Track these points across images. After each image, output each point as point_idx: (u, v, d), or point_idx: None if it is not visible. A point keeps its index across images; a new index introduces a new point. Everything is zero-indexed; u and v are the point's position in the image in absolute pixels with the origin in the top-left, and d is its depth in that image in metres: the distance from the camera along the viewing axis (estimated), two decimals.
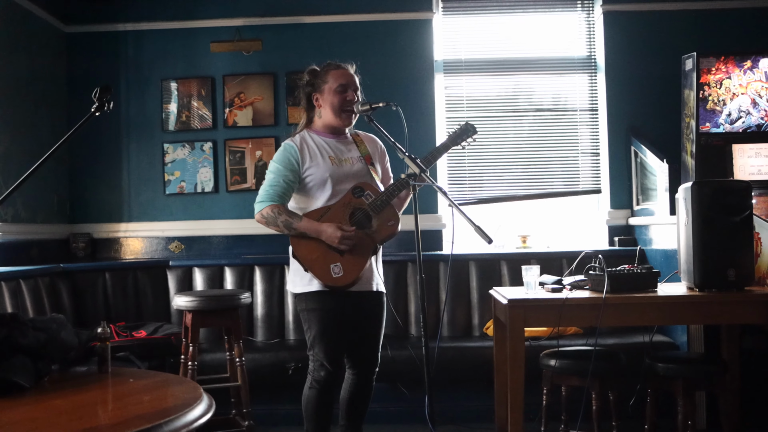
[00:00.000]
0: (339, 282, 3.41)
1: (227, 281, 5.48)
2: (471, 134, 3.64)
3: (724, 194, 3.77)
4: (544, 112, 6.04)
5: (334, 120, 3.54)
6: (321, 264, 3.41)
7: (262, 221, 3.47)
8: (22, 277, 4.61)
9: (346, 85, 3.52)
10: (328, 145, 3.56)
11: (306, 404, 3.51)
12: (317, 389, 3.47)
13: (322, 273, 3.41)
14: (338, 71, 3.56)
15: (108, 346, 2.64)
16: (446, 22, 6.05)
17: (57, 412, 2.14)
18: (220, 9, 5.93)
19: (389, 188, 3.48)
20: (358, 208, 3.47)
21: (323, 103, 3.55)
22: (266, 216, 3.44)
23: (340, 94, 3.51)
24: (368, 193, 3.50)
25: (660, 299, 3.76)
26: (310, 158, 3.50)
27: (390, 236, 3.51)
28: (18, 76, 5.24)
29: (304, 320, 3.53)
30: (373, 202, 3.47)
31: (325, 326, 3.45)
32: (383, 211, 3.47)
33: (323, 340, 3.45)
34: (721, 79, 5.10)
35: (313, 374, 3.49)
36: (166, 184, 5.90)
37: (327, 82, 3.54)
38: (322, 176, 3.48)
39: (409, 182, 3.41)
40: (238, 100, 5.89)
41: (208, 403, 2.18)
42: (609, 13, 5.86)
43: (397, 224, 3.50)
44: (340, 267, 3.40)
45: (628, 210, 5.78)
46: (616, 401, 4.11)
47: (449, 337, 5.28)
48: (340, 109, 3.52)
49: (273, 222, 3.43)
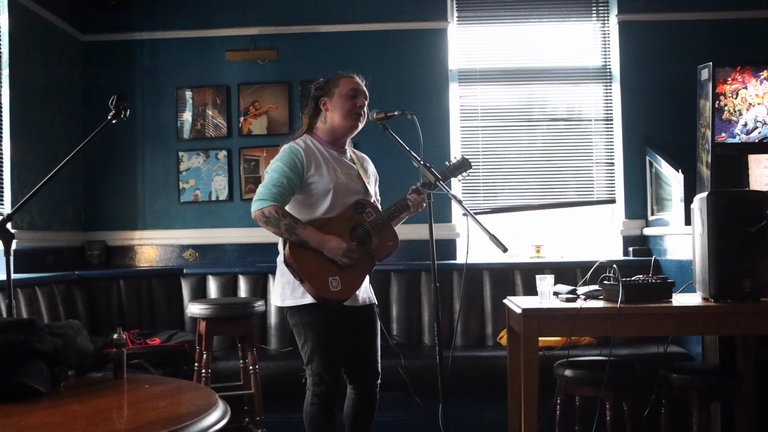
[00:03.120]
0: (336, 296, 3.36)
1: (241, 289, 5.48)
2: (466, 168, 3.57)
3: (739, 204, 3.75)
4: (558, 122, 6.04)
5: (342, 122, 3.51)
6: (319, 276, 3.34)
7: (261, 219, 3.37)
8: (38, 284, 4.64)
9: (357, 91, 3.52)
10: (330, 156, 3.53)
11: (309, 421, 3.47)
12: (318, 405, 3.43)
13: (320, 285, 3.33)
14: (350, 79, 3.56)
15: (124, 353, 2.65)
16: (461, 31, 6.06)
17: (73, 417, 2.14)
18: (236, 18, 5.96)
19: (391, 208, 3.48)
20: (359, 225, 3.46)
21: (331, 107, 3.52)
22: (267, 216, 3.35)
23: (350, 99, 3.49)
24: (369, 210, 3.50)
25: (675, 310, 3.74)
26: (315, 166, 3.46)
27: (388, 255, 3.52)
28: (35, 85, 5.28)
29: (299, 334, 3.47)
30: (374, 220, 3.46)
31: (322, 338, 3.41)
32: (384, 230, 3.47)
33: (321, 352, 3.41)
34: (737, 89, 5.08)
35: (313, 389, 3.44)
36: (181, 192, 5.93)
37: (338, 87, 3.53)
38: (325, 186, 3.43)
39: (409, 205, 3.45)
40: (253, 109, 5.92)
41: (224, 410, 2.17)
42: (624, 22, 5.86)
43: (396, 244, 3.50)
44: (338, 281, 3.36)
45: (643, 220, 5.76)
46: (630, 412, 4.09)
47: (463, 347, 5.26)
48: (350, 113, 3.49)
49: (274, 223, 3.34)
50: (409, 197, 3.46)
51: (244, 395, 4.53)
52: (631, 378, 4.07)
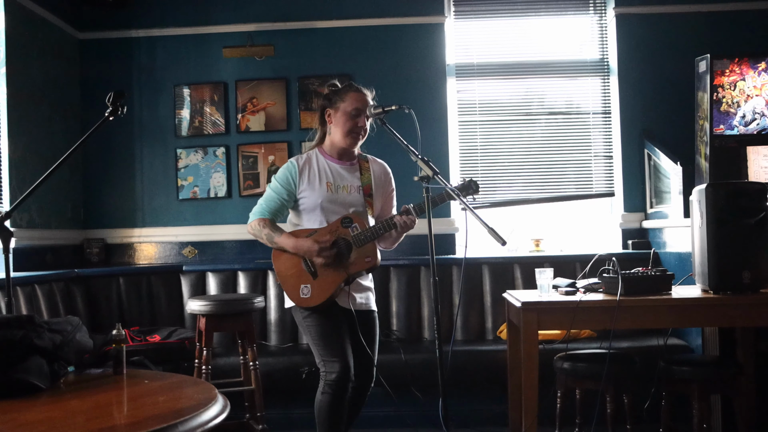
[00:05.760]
0: (305, 303, 3.54)
1: (240, 285, 5.49)
2: (473, 192, 3.58)
3: (738, 196, 3.75)
4: (556, 116, 6.04)
5: (341, 140, 3.61)
6: (293, 282, 3.56)
7: (251, 232, 3.65)
8: (37, 282, 4.64)
9: (360, 110, 3.56)
10: (330, 170, 3.64)
11: (318, 410, 3.48)
12: (330, 393, 3.44)
13: (291, 291, 3.57)
14: (357, 94, 3.60)
15: (123, 348, 2.66)
16: (458, 26, 6.05)
17: (73, 413, 2.15)
18: (233, 15, 5.95)
19: (376, 226, 3.52)
20: (342, 238, 3.53)
21: (334, 121, 3.61)
22: (254, 228, 3.63)
23: (352, 118, 3.56)
24: (356, 225, 3.55)
25: (674, 302, 3.75)
26: (308, 182, 3.60)
27: (362, 271, 3.58)
28: (32, 83, 5.27)
29: (304, 329, 3.61)
30: (357, 236, 3.53)
31: (324, 327, 3.51)
32: (365, 246, 3.53)
33: (326, 338, 3.49)
34: (735, 81, 5.08)
35: (326, 377, 3.47)
36: (179, 190, 5.92)
37: (344, 102, 3.58)
38: (314, 202, 3.58)
39: (396, 224, 3.48)
40: (251, 105, 5.91)
41: (223, 404, 2.18)
42: (621, 15, 5.85)
43: (373, 261, 3.55)
44: (309, 289, 3.53)
45: (642, 213, 5.76)
46: (630, 405, 4.09)
47: (463, 341, 5.27)
48: (349, 132, 3.58)
49: (258, 234, 3.61)
50: (397, 219, 3.49)
51: (244, 391, 4.54)
52: (631, 371, 4.07)
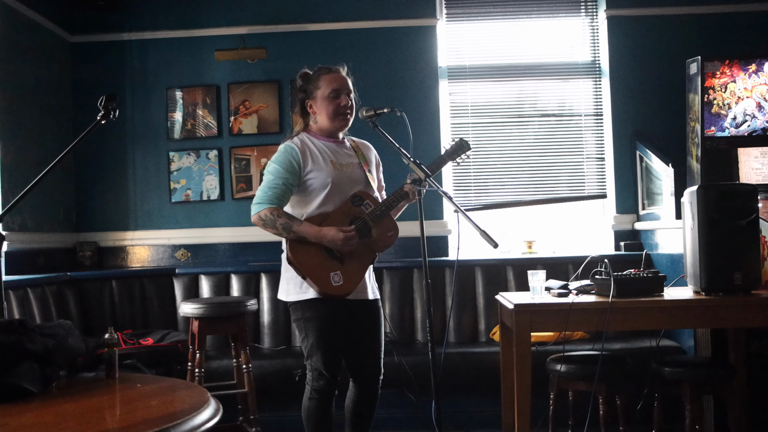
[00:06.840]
0: (338, 291, 3.35)
1: (233, 288, 5.48)
2: (466, 150, 3.58)
3: (729, 198, 3.76)
4: (548, 118, 6.05)
5: (330, 124, 3.50)
6: (321, 271, 3.34)
7: (260, 223, 3.39)
8: (30, 285, 4.63)
9: (338, 90, 3.47)
10: (328, 149, 3.52)
11: (307, 416, 3.46)
12: (317, 399, 3.43)
13: (322, 281, 3.33)
14: (330, 75, 3.50)
15: (116, 352, 2.65)
16: (450, 28, 6.06)
17: (65, 417, 2.14)
18: (224, 17, 5.95)
19: (389, 198, 3.46)
20: (357, 217, 3.44)
21: (317, 109, 3.51)
22: (264, 218, 3.36)
23: (333, 100, 3.47)
24: (367, 202, 3.47)
25: (666, 303, 3.75)
26: (312, 161, 3.45)
27: (389, 245, 3.50)
28: (24, 86, 5.26)
29: (300, 329, 3.48)
30: (372, 212, 3.44)
31: (323, 334, 3.41)
32: (382, 221, 3.44)
33: (321, 349, 3.41)
34: (726, 83, 5.10)
35: (312, 384, 3.44)
36: (172, 193, 5.92)
37: (319, 89, 3.48)
38: (324, 180, 3.42)
39: (407, 194, 3.42)
40: (243, 108, 5.91)
41: (216, 408, 2.18)
42: (612, 17, 5.87)
43: (396, 234, 3.48)
44: (340, 275, 3.35)
45: (634, 215, 5.78)
46: (623, 406, 4.10)
47: (456, 343, 5.27)
48: (335, 114, 3.48)
49: (271, 224, 3.35)
50: (407, 188, 3.43)
51: (237, 394, 4.53)
52: (624, 372, 4.08)
